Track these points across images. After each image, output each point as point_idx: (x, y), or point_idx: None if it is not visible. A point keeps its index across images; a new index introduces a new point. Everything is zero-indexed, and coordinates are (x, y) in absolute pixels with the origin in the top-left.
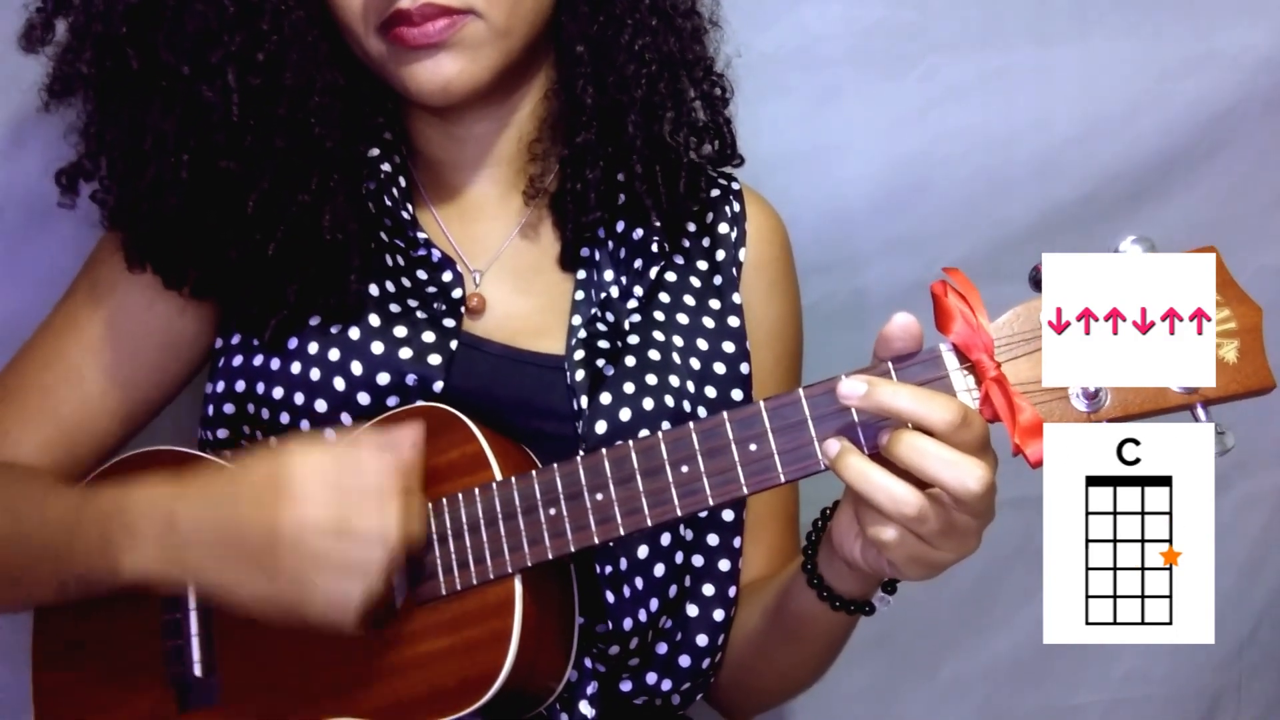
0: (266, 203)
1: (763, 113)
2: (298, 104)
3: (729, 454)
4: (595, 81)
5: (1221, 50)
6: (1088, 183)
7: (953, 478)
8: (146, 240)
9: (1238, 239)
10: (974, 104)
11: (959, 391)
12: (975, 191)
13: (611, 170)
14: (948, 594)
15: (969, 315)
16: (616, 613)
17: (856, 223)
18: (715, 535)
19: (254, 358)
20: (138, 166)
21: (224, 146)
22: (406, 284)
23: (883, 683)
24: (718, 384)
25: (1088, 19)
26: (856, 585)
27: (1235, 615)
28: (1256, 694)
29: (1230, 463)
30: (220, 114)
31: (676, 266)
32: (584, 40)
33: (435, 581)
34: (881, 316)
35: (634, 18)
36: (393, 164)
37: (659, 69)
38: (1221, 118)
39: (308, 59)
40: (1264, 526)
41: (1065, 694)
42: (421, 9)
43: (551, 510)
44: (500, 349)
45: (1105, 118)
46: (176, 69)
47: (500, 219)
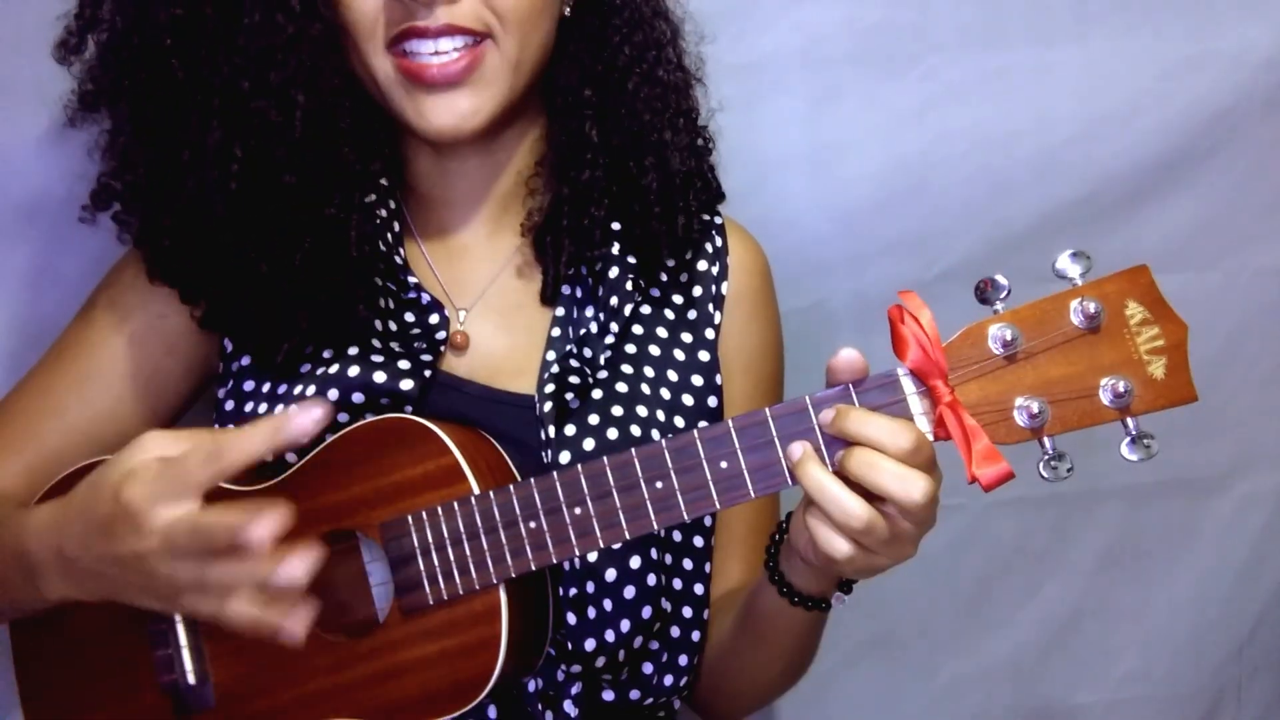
0: (301, 217)
1: (763, 113)
2: (333, 123)
3: (701, 471)
4: (600, 123)
5: (1221, 50)
6: (1088, 183)
7: (900, 490)
8: (171, 255)
9: (1238, 239)
10: (974, 104)
11: (915, 414)
12: (975, 191)
13: (612, 208)
14: (948, 594)
15: (924, 341)
16: (579, 634)
17: (856, 223)
18: (690, 560)
19: (246, 404)
20: (175, 179)
21: (285, 161)
22: (393, 326)
23: (883, 683)
24: (686, 415)
25: (1088, 19)
26: (813, 581)
27: (1235, 615)
28: (1256, 694)
29: (1230, 463)
30: (283, 131)
31: (652, 299)
32: (590, 84)
33: (422, 592)
34: (882, 316)
35: (639, 69)
36: (388, 209)
37: (667, 116)
38: (1221, 118)
39: (340, 82)
40: (1264, 526)
41: (1065, 694)
42: (440, 28)
43: (531, 524)
44: (479, 389)
45: (1105, 118)
46: (234, 84)
47: (487, 258)
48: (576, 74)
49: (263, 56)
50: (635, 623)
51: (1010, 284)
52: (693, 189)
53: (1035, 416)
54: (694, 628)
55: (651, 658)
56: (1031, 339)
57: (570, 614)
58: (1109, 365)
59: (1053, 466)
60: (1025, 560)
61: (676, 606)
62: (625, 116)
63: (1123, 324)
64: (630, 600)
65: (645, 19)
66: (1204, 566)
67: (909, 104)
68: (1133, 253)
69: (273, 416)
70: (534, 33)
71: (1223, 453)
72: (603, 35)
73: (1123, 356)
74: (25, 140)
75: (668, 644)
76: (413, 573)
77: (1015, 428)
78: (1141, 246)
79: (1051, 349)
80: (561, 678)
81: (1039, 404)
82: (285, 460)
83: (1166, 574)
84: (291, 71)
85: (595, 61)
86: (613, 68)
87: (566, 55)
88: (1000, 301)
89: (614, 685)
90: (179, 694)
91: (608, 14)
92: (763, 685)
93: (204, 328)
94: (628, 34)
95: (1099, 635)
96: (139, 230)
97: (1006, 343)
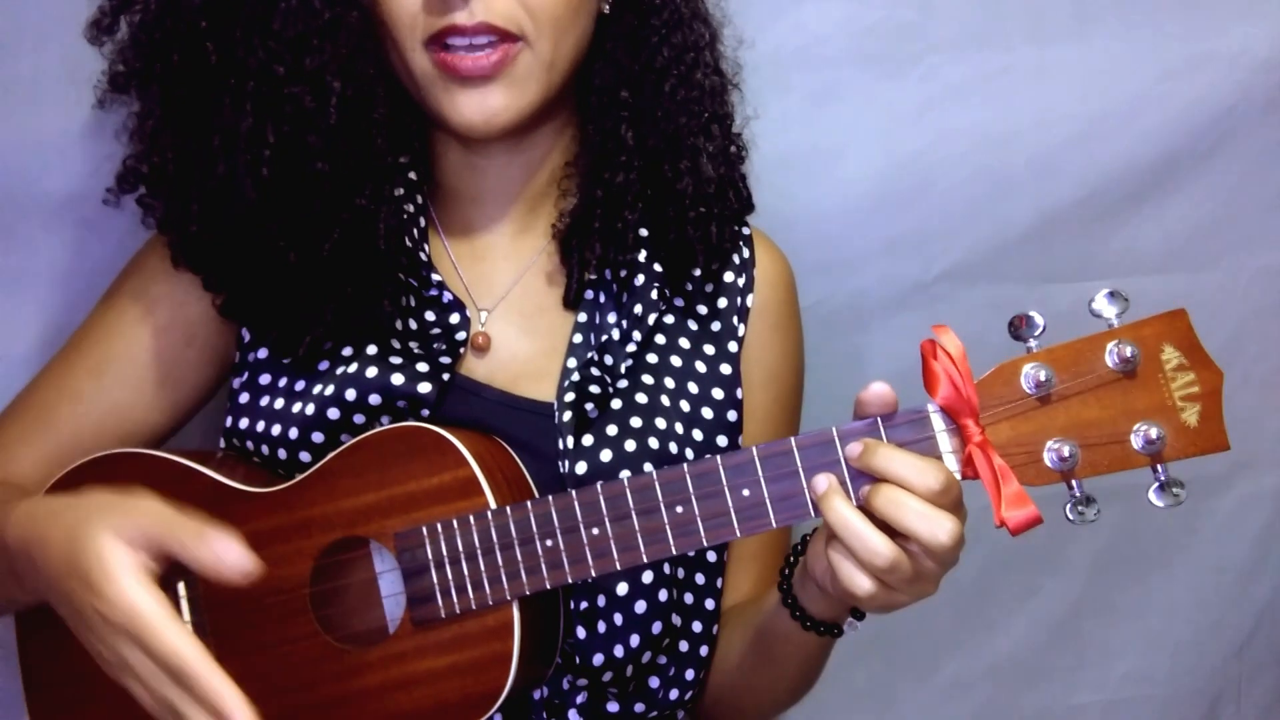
0: (332, 206)
1: (763, 113)
2: (367, 112)
3: (723, 498)
4: (636, 125)
5: (1221, 50)
6: (1088, 183)
7: (926, 530)
8: (197, 241)
9: (1238, 239)
10: (974, 104)
11: (944, 452)
12: (975, 191)
13: (644, 213)
14: (948, 594)
15: (956, 378)
16: (588, 648)
17: (856, 223)
18: (702, 575)
19: (261, 397)
20: (206, 164)
21: (319, 149)
22: (413, 325)
23: (883, 683)
24: (705, 428)
25: (1088, 19)
26: (827, 608)
27: (1235, 615)
28: (1256, 694)
29: (1230, 463)
30: (318, 118)
31: (675, 309)
32: (627, 86)
33: (434, 604)
34: (882, 316)
35: (677, 70)
36: (414, 204)
37: (703, 120)
38: (1221, 118)
39: (375, 71)
40: (1264, 526)
41: (1065, 694)
42: (476, 26)
43: (548, 542)
44: (498, 395)
45: (1105, 118)
46: (268, 68)
47: (511, 258)
48: (613, 74)
49: (299, 42)
50: (645, 637)
51: (1045, 321)
52: (725, 197)
53: (1066, 460)
54: (702, 642)
55: (659, 671)
56: (1065, 380)
57: (580, 627)
58: (1142, 410)
59: (1080, 511)
60: (1025, 560)
61: (686, 621)
62: (661, 119)
63: (1158, 369)
64: (641, 615)
65: (685, 20)
66: (1204, 566)
67: (909, 104)
68: (1133, 253)
69: (226, 545)
70: (569, 33)
71: (1223, 453)
72: (641, 35)
73: (1156, 402)
74: (52, 135)
75: (675, 658)
76: (426, 584)
77: (1045, 470)
78: (1141, 246)
79: (1085, 391)
80: (567, 688)
81: (1070, 447)
82: (300, 462)
83: (1166, 574)
84: (327, 58)
85: (633, 62)
86: (650, 69)
87: (603, 54)
88: (1034, 339)
89: (619, 698)
90: None
91: (647, 13)
92: (768, 703)
93: (225, 315)
94: (666, 35)
95: (1099, 635)
96: (164, 214)
97: (1040, 383)
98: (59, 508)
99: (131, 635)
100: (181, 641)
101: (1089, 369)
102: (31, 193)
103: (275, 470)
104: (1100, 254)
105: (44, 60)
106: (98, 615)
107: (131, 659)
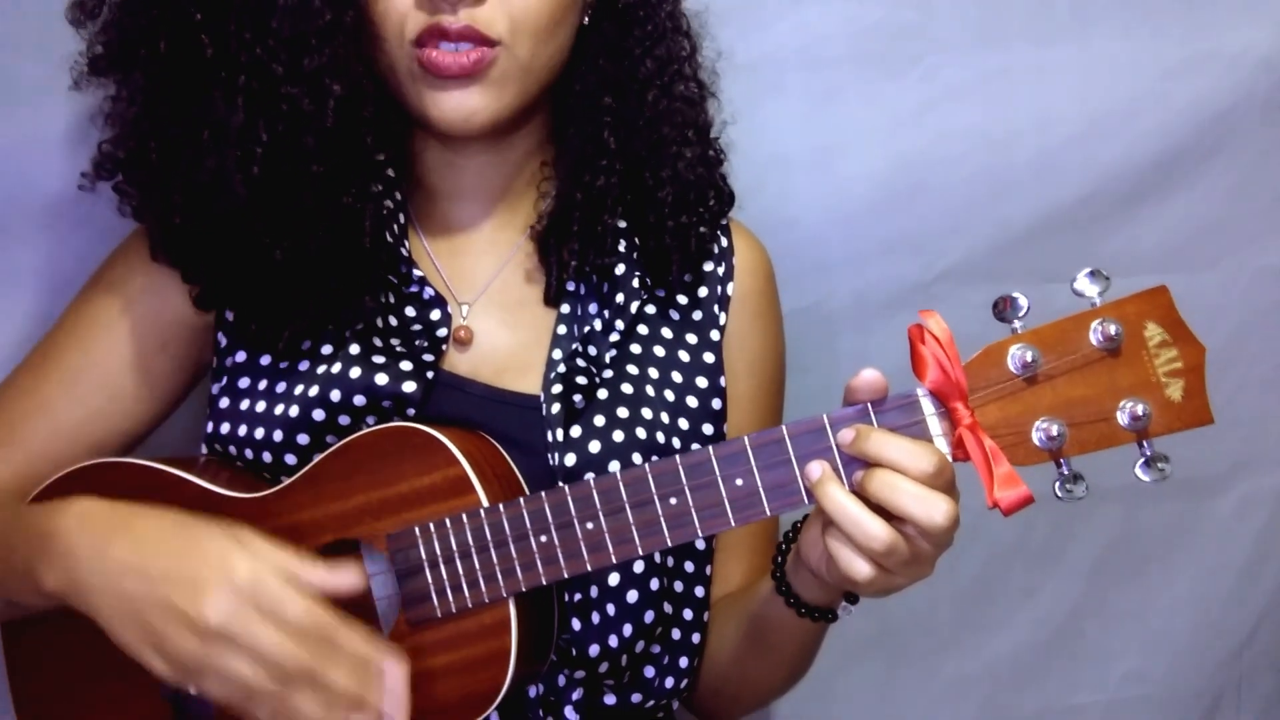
0: (321, 205)
1: (763, 113)
2: (359, 112)
3: (716, 489)
4: (618, 130)
5: (1221, 50)
6: (1088, 183)
7: (922, 512)
8: (178, 233)
9: (1238, 239)
10: (974, 104)
11: (934, 436)
12: (975, 191)
13: (624, 215)
14: (948, 593)
15: (944, 362)
16: (583, 639)
17: (856, 223)
18: (691, 562)
19: (241, 401)
20: (193, 157)
21: (314, 150)
22: (394, 322)
23: (883, 682)
24: (690, 417)
25: (1088, 19)
26: (822, 594)
27: (1235, 615)
28: (1256, 694)
29: (1230, 463)
30: (315, 120)
31: (657, 299)
32: (610, 92)
33: (429, 604)
34: (882, 316)
35: (659, 82)
36: (394, 200)
37: (684, 130)
38: (1221, 118)
39: (362, 70)
40: (1264, 526)
41: (1065, 694)
42: (461, 30)
43: (542, 538)
44: (483, 389)
45: (1105, 118)
46: (265, 67)
47: (490, 253)
48: (595, 80)
49: (297, 42)
50: (638, 627)
51: (1030, 303)
52: (706, 201)
53: (1054, 439)
54: (694, 630)
55: (653, 661)
56: (1051, 360)
57: (574, 619)
58: (1127, 387)
59: (1068, 489)
60: (1025, 560)
61: (677, 609)
62: (644, 128)
63: (1141, 345)
64: (633, 604)
65: (667, 33)
66: (1204, 566)
67: (909, 104)
68: (1133, 253)
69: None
70: (548, 42)
71: (1223, 453)
72: (624, 46)
73: (1141, 379)
74: (38, 140)
75: (669, 647)
76: (420, 585)
77: (1033, 449)
78: (1141, 246)
79: (1071, 370)
80: (563, 683)
81: (1058, 426)
82: (285, 465)
83: (1166, 574)
84: (326, 60)
85: (616, 70)
86: (634, 79)
87: (585, 61)
88: (1019, 320)
89: (615, 689)
90: (179, 702)
91: (629, 25)
92: (763, 690)
93: (203, 307)
94: (650, 47)
95: (1099, 635)
96: (142, 203)
97: (1026, 364)
98: (156, 525)
99: (324, 640)
100: (359, 634)
101: (1074, 348)
102: (31, 193)
103: (260, 475)
104: (1100, 254)
105: (44, 60)
106: (198, 642)
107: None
